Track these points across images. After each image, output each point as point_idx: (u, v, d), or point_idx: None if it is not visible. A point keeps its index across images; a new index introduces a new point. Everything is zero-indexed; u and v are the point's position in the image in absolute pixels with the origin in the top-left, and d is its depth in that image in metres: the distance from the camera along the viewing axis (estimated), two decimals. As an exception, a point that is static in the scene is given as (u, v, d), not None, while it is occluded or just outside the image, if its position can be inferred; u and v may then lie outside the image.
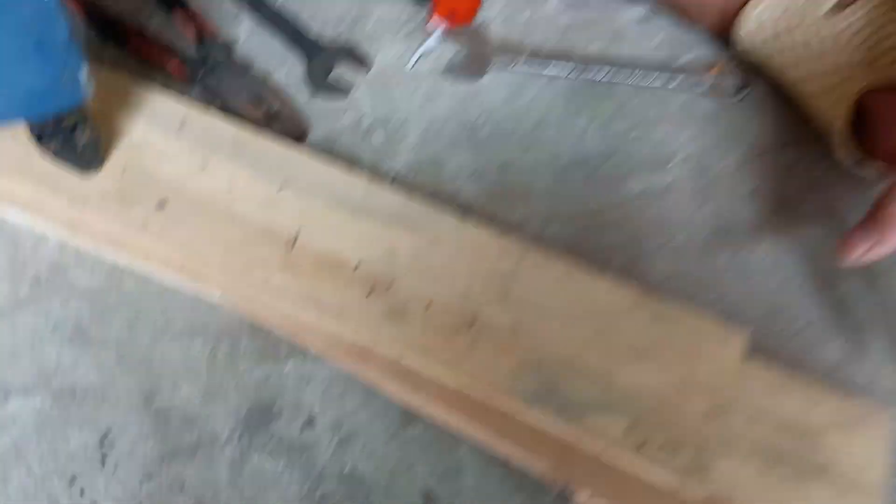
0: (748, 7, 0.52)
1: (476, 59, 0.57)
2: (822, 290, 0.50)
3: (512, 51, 0.57)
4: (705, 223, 0.53)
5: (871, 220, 0.39)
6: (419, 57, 0.57)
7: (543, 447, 0.43)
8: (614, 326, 0.45)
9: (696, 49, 0.57)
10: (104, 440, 0.43)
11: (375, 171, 0.54)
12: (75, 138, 0.45)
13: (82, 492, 0.42)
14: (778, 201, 0.54)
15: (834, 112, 0.50)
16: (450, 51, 0.57)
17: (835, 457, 0.42)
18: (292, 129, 0.53)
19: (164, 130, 0.51)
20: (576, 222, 0.53)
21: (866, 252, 0.39)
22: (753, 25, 0.53)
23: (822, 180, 0.54)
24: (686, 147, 0.55)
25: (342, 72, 0.56)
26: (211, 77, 0.55)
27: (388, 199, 0.49)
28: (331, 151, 0.54)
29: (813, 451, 0.43)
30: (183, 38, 0.56)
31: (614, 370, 0.43)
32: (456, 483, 0.43)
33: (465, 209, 0.52)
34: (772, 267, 0.51)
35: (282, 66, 0.56)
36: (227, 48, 0.55)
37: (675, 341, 0.44)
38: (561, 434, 0.42)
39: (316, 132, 0.55)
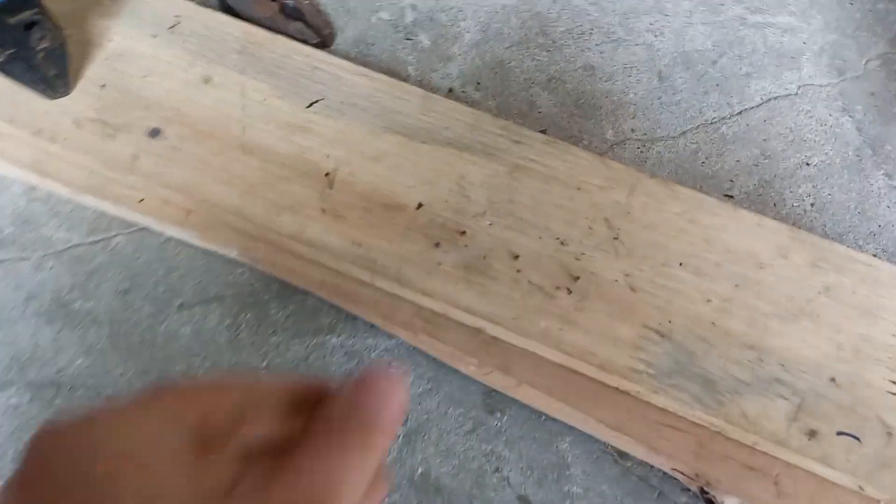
0: None
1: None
2: None
3: (593, -82, 0.44)
4: (850, 135, 0.41)
5: None
6: (473, -70, 0.44)
7: (675, 439, 0.32)
8: (762, 276, 0.34)
9: None
10: (102, 444, 0.33)
11: (424, 82, 0.42)
12: (31, 43, 0.33)
13: (79, 513, 0.32)
14: (944, 104, 0.42)
15: None
16: (513, -80, 0.44)
17: None
18: (316, 29, 0.41)
19: (151, 35, 0.38)
20: (687, 139, 0.41)
21: None
22: None
23: None
24: (817, 38, 0.43)
25: (375, -47, 0.44)
26: (206, -37, 0.42)
27: (451, 115, 0.37)
28: (366, 58, 0.42)
29: None
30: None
31: (767, 335, 0.33)
32: (558, 486, 0.33)
33: (540, 126, 0.41)
34: (943, 189, 0.40)
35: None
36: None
37: (843, 293, 0.34)
38: (701, 421, 0.32)
39: (345, 34, 0.43)
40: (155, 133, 0.36)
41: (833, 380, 0.32)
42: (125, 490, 0.17)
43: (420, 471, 0.33)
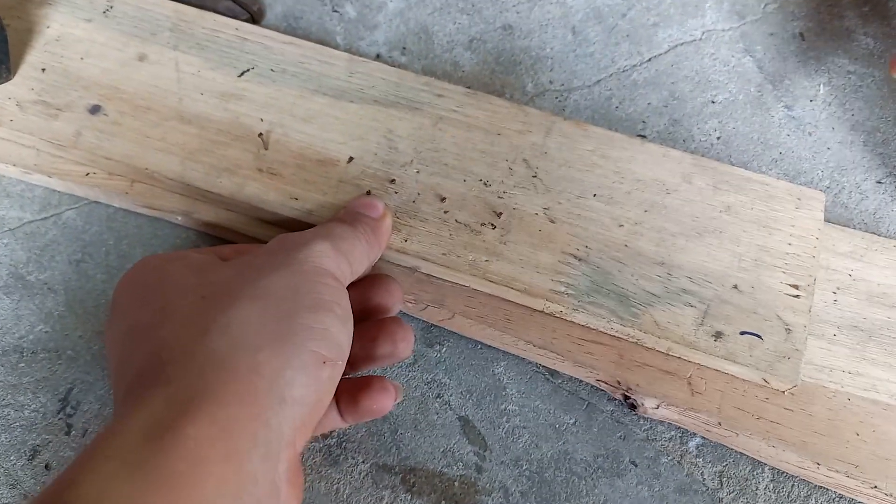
0: None
1: None
2: (893, 141, 0.43)
3: None
4: (752, 73, 0.44)
5: None
6: None
7: (598, 353, 0.35)
8: (669, 201, 0.37)
9: None
10: (66, 403, 0.35)
11: (352, 51, 0.44)
12: (-32, 31, 0.35)
13: (48, 466, 0.34)
14: (831, 38, 0.45)
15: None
16: None
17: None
18: (245, 6, 0.43)
19: (87, 19, 0.40)
20: (601, 87, 0.44)
21: None
22: None
23: (875, 11, 0.45)
24: (721, -15, 0.46)
25: (298, -69, 0.46)
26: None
27: (376, 75, 0.39)
28: (294, 31, 0.45)
29: (913, 322, 0.36)
30: None
31: (675, 252, 0.36)
32: (495, 406, 0.36)
33: (465, 84, 0.43)
34: (833, 118, 0.43)
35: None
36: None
37: (742, 210, 0.37)
38: (619, 333, 0.35)
39: (274, 9, 0.45)
40: (95, 110, 0.38)
41: (736, 287, 0.35)
42: (174, 267, 0.29)
43: (367, 402, 0.36)
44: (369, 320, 0.32)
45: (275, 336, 0.24)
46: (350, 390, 0.30)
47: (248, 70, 0.39)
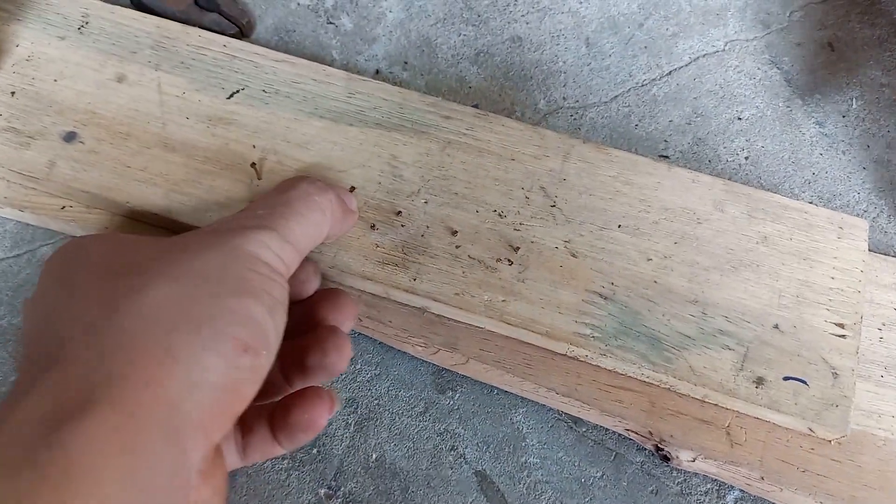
0: None
1: None
2: (936, 155, 0.40)
3: None
4: (779, 87, 0.41)
5: None
6: None
7: (627, 400, 0.32)
8: (700, 231, 0.34)
9: None
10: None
11: (349, 66, 0.41)
12: (-76, 53, 0.31)
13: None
14: (863, 48, 0.42)
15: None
16: None
17: None
18: (233, 19, 0.40)
19: (60, 36, 0.37)
20: (619, 103, 0.41)
21: None
22: None
23: (917, 16, 0.43)
24: (745, -8, 0.43)
25: (289, -63, 0.43)
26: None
27: (377, 96, 0.36)
28: (287, 46, 0.41)
29: (966, 360, 0.33)
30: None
31: (709, 289, 0.33)
32: (515, 458, 0.33)
33: (472, 101, 0.40)
34: (867, 135, 0.40)
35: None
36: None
37: (780, 241, 0.34)
38: (651, 379, 0.32)
39: (264, 22, 0.42)
40: (70, 137, 0.35)
41: (776, 326, 0.32)
42: (97, 246, 0.26)
43: (374, 456, 0.33)
44: (308, 333, 0.29)
45: (192, 317, 0.22)
46: (281, 408, 0.27)
47: (237, 91, 0.36)
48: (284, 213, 0.27)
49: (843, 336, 0.32)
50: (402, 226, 0.34)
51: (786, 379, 0.31)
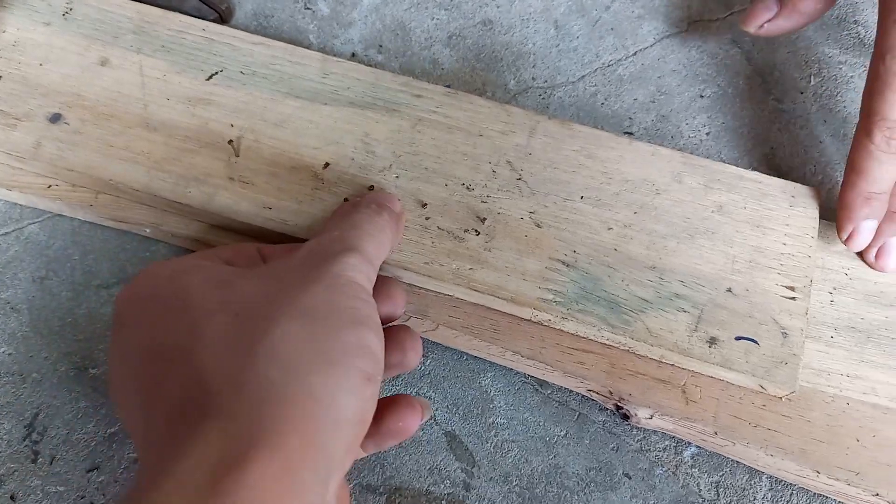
0: None
1: None
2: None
3: None
4: (741, 66, 0.43)
5: None
6: None
7: (588, 362, 0.34)
8: (659, 202, 0.36)
9: None
10: (32, 429, 0.33)
11: (326, 50, 0.43)
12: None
13: (13, 497, 0.32)
14: (821, 27, 0.44)
15: None
16: None
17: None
18: (213, 5, 0.41)
19: (45, 22, 0.38)
20: (585, 83, 0.42)
21: (767, 23, 0.39)
22: None
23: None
24: (707, -26, 0.44)
25: (267, -74, 0.44)
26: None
27: (351, 76, 0.38)
28: (265, 31, 0.43)
29: (912, 321, 0.35)
30: None
31: (666, 255, 0.34)
32: (483, 420, 0.34)
33: (445, 83, 0.42)
34: (824, 110, 0.42)
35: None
36: None
37: (735, 210, 0.35)
38: (610, 341, 0.34)
39: (243, 8, 0.43)
40: (56, 118, 0.36)
41: (730, 290, 0.34)
42: (194, 280, 0.27)
43: (349, 420, 0.34)
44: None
45: (322, 357, 0.24)
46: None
47: (216, 73, 0.37)
48: (358, 234, 0.28)
49: (793, 298, 0.34)
50: (374, 199, 0.35)
51: (738, 339, 0.33)
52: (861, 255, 0.36)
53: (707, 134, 0.41)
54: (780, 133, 0.41)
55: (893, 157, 0.32)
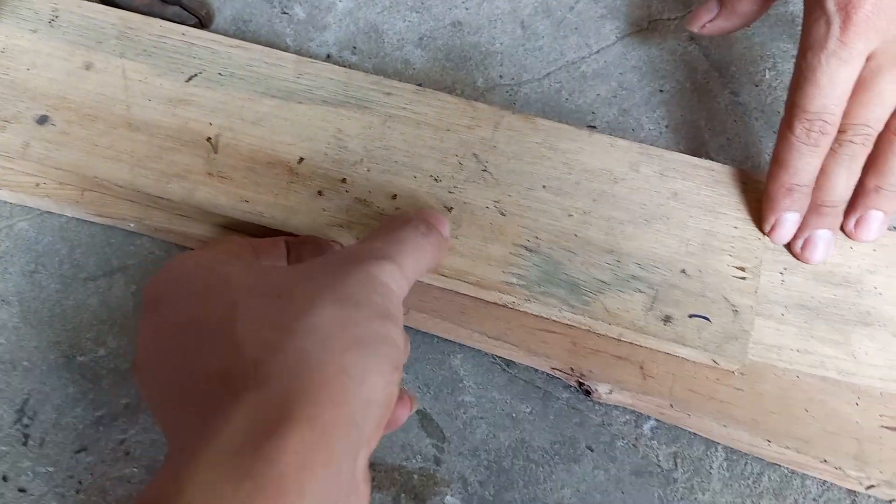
0: None
1: None
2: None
3: None
4: (698, 61, 0.45)
5: None
6: None
7: (551, 341, 0.36)
8: (617, 190, 0.37)
9: None
10: (23, 413, 0.35)
11: (302, 52, 0.45)
12: None
13: (5, 478, 0.34)
14: (776, 23, 0.46)
15: None
16: None
17: (880, 301, 0.37)
18: (193, 11, 0.43)
19: (32, 29, 0.40)
20: (550, 80, 0.44)
21: (709, 23, 0.41)
22: None
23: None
24: (665, -25, 0.47)
25: (244, -65, 0.46)
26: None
27: (324, 76, 0.40)
28: (244, 35, 0.45)
29: (857, 298, 0.37)
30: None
31: (623, 240, 0.36)
32: (453, 398, 0.36)
33: (416, 82, 0.43)
34: (779, 102, 0.44)
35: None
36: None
37: (689, 196, 0.37)
38: (571, 321, 0.35)
39: (223, 13, 0.45)
40: (43, 120, 0.38)
41: (683, 271, 0.36)
42: (234, 268, 0.28)
43: (325, 401, 0.36)
44: None
45: (357, 341, 0.25)
46: None
47: (195, 75, 0.39)
48: (399, 249, 0.29)
49: (743, 278, 0.36)
50: (347, 191, 0.37)
51: (691, 316, 0.35)
52: (788, 247, 0.37)
53: (666, 126, 0.43)
54: (736, 124, 0.43)
55: (814, 149, 0.34)
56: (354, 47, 0.45)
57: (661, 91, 0.44)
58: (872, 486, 0.34)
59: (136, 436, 0.35)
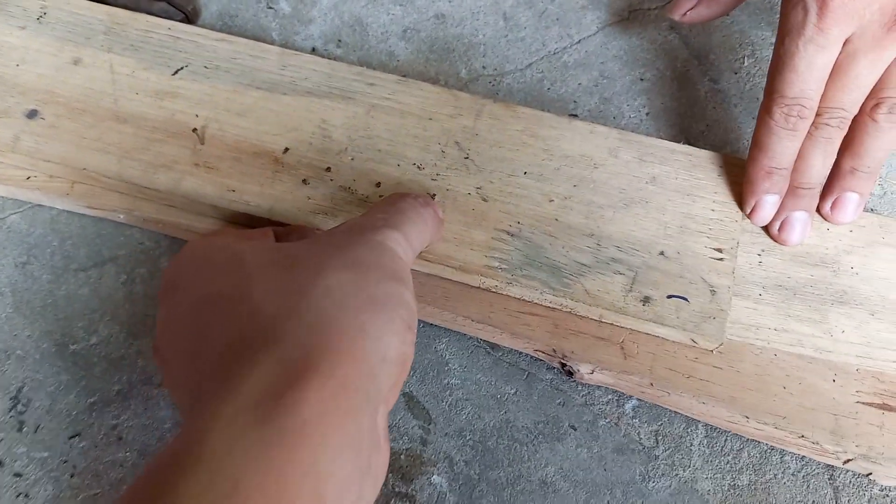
0: None
1: None
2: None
3: None
4: (679, 50, 0.46)
5: None
6: None
7: (534, 324, 0.37)
8: (596, 175, 0.38)
9: None
10: (17, 401, 0.36)
11: (288, 46, 0.45)
12: None
13: (1, 464, 0.34)
14: (755, 11, 0.47)
15: None
16: None
17: (856, 281, 0.37)
18: (179, 7, 0.44)
19: (20, 26, 0.41)
20: (533, 70, 0.45)
21: (690, 11, 0.41)
22: None
23: None
24: (645, -35, 0.47)
25: (229, -69, 0.47)
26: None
27: (308, 67, 0.40)
28: (230, 30, 0.46)
29: (833, 278, 0.38)
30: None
31: (603, 224, 0.37)
32: (439, 381, 0.37)
33: (400, 73, 0.44)
34: (757, 89, 0.45)
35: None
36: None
37: (667, 180, 0.38)
38: (553, 304, 0.36)
39: (209, 9, 0.46)
40: (32, 114, 0.39)
41: (662, 253, 0.36)
42: (246, 246, 0.29)
43: (313, 385, 0.37)
44: None
45: (371, 300, 0.26)
46: None
47: (181, 68, 0.40)
48: (401, 219, 0.31)
49: (720, 259, 0.36)
50: (332, 180, 0.38)
51: (669, 297, 0.35)
52: (766, 229, 0.38)
53: (647, 114, 0.44)
54: (716, 110, 0.44)
55: (791, 133, 0.35)
56: (339, 40, 0.46)
57: (641, 80, 0.45)
58: (849, 461, 0.34)
59: (128, 420, 0.35)
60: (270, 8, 0.46)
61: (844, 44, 0.34)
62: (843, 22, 0.33)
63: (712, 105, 0.44)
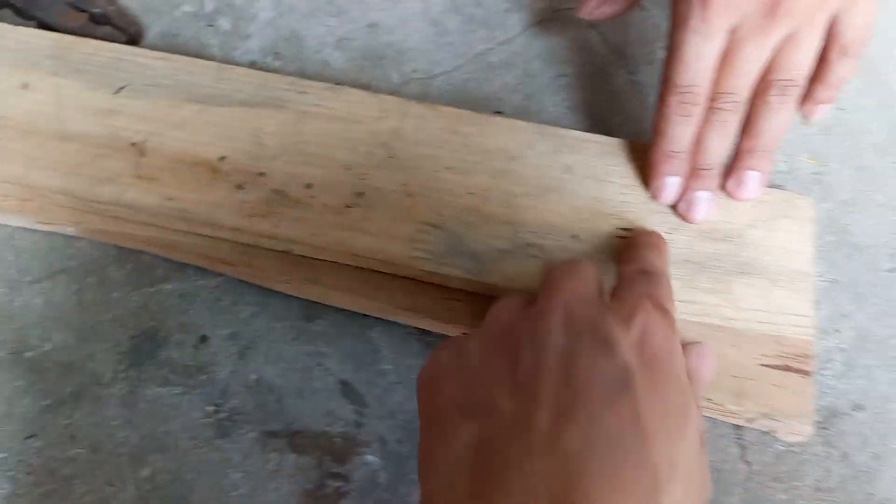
0: None
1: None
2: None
3: None
4: (597, 46, 0.48)
5: None
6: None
7: (457, 308, 0.39)
8: (514, 167, 0.41)
9: None
10: (-23, 408, 0.38)
11: (229, 60, 0.48)
12: None
13: (-36, 470, 0.37)
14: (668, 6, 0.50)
15: None
16: (285, -90, 0.50)
17: (758, 252, 0.40)
18: (123, 29, 0.47)
19: (-31, 56, 0.44)
20: (460, 72, 0.48)
21: (596, 10, 0.43)
22: None
23: None
24: (564, -33, 0.50)
25: (168, -44, 0.49)
26: (15, -11, 0.47)
27: (242, 80, 0.43)
28: (173, 49, 0.48)
29: (738, 251, 0.40)
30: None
31: (520, 212, 0.39)
32: (373, 367, 0.39)
33: (336, 81, 0.47)
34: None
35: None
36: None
37: (580, 168, 0.41)
38: (474, 288, 0.39)
39: (152, 30, 0.49)
40: (-17, 138, 0.41)
41: (575, 236, 0.39)
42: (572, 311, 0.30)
43: (254, 377, 0.39)
44: None
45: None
46: None
47: (123, 87, 0.43)
48: (662, 294, 0.34)
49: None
50: (265, 184, 0.40)
51: (581, 276, 0.38)
52: (673, 208, 0.41)
53: (568, 108, 0.47)
54: (632, 102, 0.47)
55: (686, 118, 0.38)
56: (276, 53, 0.48)
57: (563, 76, 0.48)
58: (753, 419, 0.37)
59: (80, 420, 0.38)
60: (210, 26, 0.49)
61: (732, 32, 0.37)
62: (725, 12, 0.36)
63: (630, 96, 0.47)
